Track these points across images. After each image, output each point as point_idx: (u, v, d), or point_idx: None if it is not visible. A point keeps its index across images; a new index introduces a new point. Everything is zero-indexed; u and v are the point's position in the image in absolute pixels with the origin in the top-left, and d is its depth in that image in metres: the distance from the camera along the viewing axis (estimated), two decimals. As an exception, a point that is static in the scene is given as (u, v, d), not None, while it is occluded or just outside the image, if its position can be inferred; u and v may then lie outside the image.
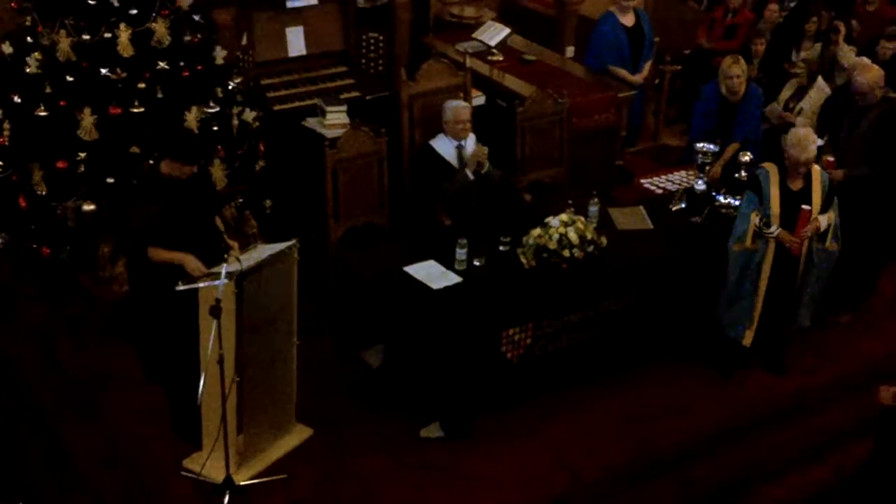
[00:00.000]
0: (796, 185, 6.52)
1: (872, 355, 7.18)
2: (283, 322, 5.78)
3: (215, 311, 5.12)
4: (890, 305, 7.68)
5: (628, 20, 9.02)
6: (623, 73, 8.90)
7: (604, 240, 6.56)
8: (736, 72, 7.68)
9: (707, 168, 7.27)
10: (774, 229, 6.47)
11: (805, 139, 6.40)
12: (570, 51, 9.70)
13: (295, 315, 5.86)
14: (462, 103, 7.28)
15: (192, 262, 5.50)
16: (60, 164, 6.80)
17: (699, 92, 8.16)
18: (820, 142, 6.91)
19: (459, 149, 7.13)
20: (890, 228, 7.32)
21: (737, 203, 6.93)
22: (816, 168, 6.58)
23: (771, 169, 6.56)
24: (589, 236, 6.49)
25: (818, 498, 6.24)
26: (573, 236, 6.42)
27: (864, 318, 7.53)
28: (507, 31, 9.05)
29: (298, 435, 6.05)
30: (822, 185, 6.54)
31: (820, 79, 8.51)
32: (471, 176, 7.05)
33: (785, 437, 6.52)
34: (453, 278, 6.29)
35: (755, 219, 6.50)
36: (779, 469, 6.31)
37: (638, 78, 9.03)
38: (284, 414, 5.99)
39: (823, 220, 6.55)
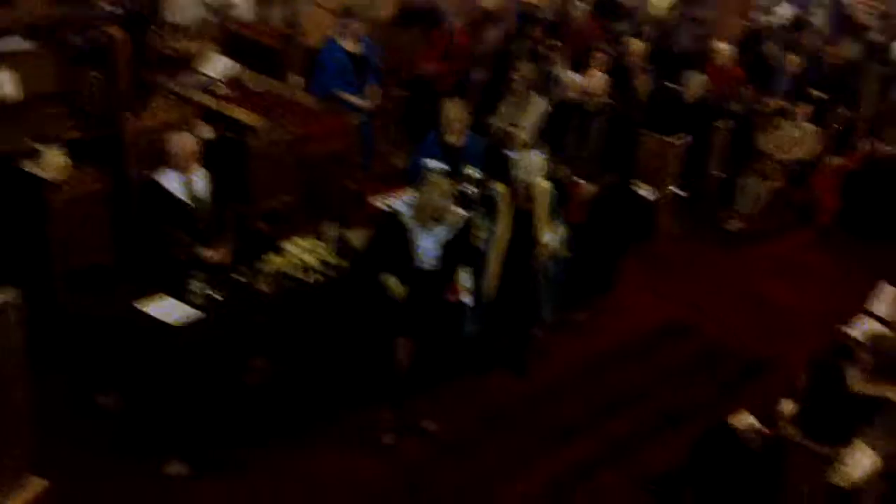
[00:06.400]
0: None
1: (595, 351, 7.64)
2: (10, 374, 5.44)
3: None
4: (616, 303, 8.12)
5: (353, 47, 9.16)
6: (351, 97, 9.03)
7: (344, 262, 6.61)
8: (458, 116, 7.79)
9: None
10: None
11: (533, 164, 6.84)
12: (296, 80, 9.74)
13: (23, 366, 5.53)
14: (187, 135, 7.08)
15: None
16: None
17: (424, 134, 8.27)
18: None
19: (187, 183, 6.96)
20: (625, 226, 7.78)
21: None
22: (542, 184, 6.92)
23: (503, 189, 6.92)
24: (329, 260, 6.53)
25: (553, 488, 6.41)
26: (313, 260, 6.44)
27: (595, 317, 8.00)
28: (231, 63, 8.99)
29: (32, 488, 5.71)
30: (548, 199, 6.90)
31: (534, 94, 8.93)
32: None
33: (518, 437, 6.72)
34: (192, 312, 6.15)
35: None
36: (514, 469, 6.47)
37: (367, 103, 9.17)
38: (14, 468, 5.64)
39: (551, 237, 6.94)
